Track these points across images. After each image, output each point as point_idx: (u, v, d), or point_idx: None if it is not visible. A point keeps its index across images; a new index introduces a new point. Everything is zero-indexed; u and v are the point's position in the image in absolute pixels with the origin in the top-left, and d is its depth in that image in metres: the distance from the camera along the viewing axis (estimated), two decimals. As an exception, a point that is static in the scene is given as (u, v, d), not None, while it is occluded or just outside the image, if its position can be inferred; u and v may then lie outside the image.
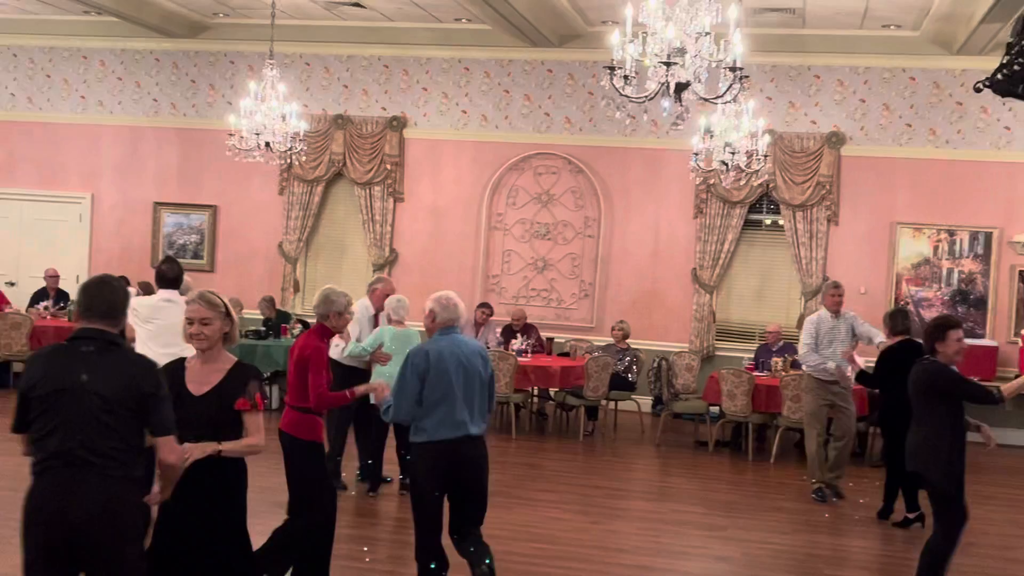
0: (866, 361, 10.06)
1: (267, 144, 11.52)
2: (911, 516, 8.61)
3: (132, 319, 7.19)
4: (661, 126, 13.20)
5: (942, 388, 6.30)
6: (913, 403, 6.47)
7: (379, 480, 8.82)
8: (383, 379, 7.00)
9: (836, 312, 9.56)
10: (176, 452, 4.01)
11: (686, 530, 8.16)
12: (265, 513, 6.43)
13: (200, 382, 4.51)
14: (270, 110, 11.49)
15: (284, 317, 13.41)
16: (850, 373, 9.77)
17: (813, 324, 9.62)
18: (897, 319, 9.06)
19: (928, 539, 6.35)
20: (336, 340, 8.69)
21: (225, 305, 4.60)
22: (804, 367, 9.80)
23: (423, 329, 6.23)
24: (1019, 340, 12.63)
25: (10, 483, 6.92)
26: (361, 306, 8.87)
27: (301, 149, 11.86)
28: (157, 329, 7.04)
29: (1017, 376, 12.37)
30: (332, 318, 6.14)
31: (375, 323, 8.96)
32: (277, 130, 11.55)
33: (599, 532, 7.90)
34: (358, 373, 8.57)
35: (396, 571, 6.65)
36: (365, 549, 7.03)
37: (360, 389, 6.37)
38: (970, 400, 6.31)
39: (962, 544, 7.93)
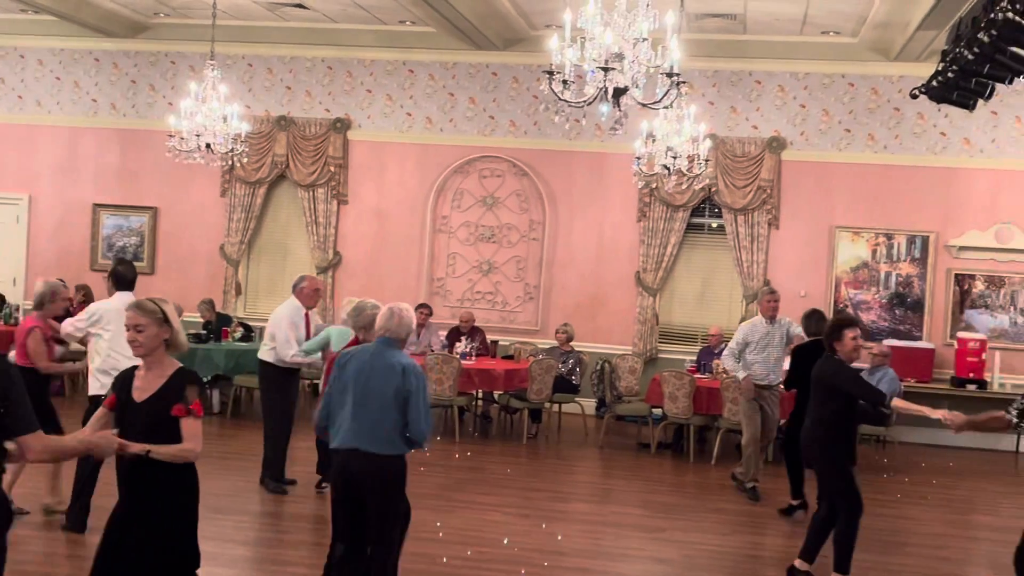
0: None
1: (208, 145, 11.41)
2: (795, 504, 9.02)
3: (92, 325, 7.13)
4: (605, 130, 13.25)
5: (837, 384, 6.61)
6: (811, 398, 6.89)
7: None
8: None
9: (772, 318, 9.68)
10: (41, 444, 3.94)
11: (626, 532, 8.20)
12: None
13: (143, 388, 4.49)
14: (211, 111, 11.38)
15: (225, 320, 13.27)
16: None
17: (744, 331, 9.76)
18: (810, 320, 9.28)
19: (833, 530, 6.74)
20: (290, 339, 8.77)
21: (162, 311, 4.54)
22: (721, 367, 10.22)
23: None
24: (955, 343, 12.86)
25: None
26: (291, 306, 8.92)
27: (243, 151, 11.75)
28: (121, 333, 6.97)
29: (956, 382, 12.62)
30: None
31: (307, 322, 8.95)
32: (218, 131, 11.44)
33: (540, 535, 7.91)
34: (295, 374, 8.78)
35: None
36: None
37: None
38: (862, 399, 6.65)
39: (896, 543, 8.10)
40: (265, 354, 8.91)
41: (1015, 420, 5.34)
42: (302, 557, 7.02)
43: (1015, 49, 7.63)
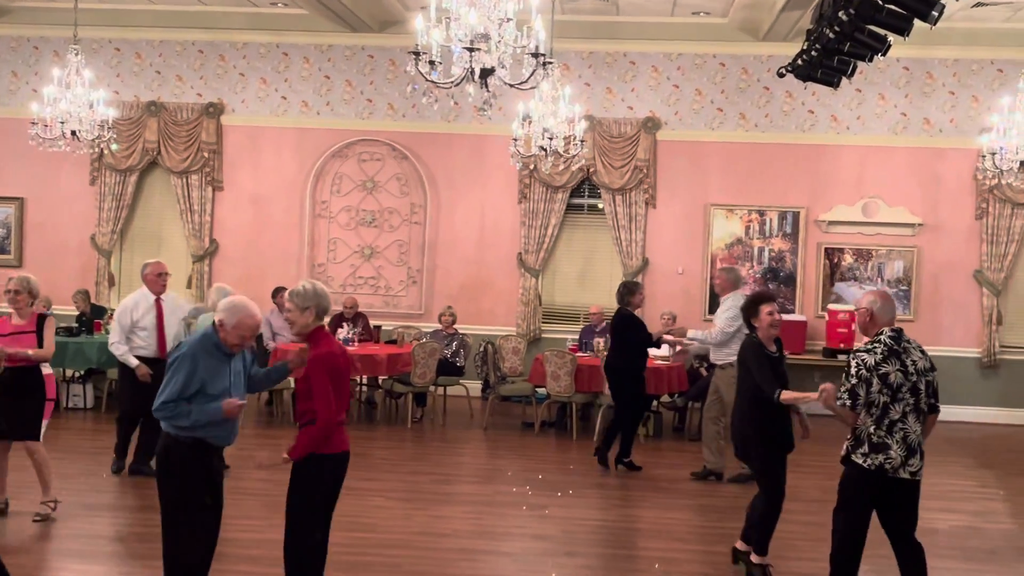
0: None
1: (73, 133, 11.02)
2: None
3: None
4: (475, 111, 13.24)
5: (747, 363, 6.59)
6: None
7: None
8: None
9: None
10: None
11: (509, 511, 8.26)
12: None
13: None
14: (76, 97, 10.99)
15: (99, 312, 12.88)
16: (670, 353, 11.36)
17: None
18: (620, 291, 9.97)
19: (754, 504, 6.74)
20: (117, 334, 8.77)
21: None
22: None
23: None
24: (826, 315, 13.28)
25: None
26: (135, 296, 8.96)
27: (111, 137, 11.40)
28: None
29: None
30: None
31: (158, 308, 8.84)
32: (84, 118, 11.06)
33: (423, 518, 7.91)
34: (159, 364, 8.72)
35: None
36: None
37: None
38: (757, 380, 6.48)
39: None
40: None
41: (848, 404, 5.41)
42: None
43: (873, 27, 7.89)
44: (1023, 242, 13.38)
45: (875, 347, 5.44)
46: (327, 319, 6.09)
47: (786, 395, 6.33)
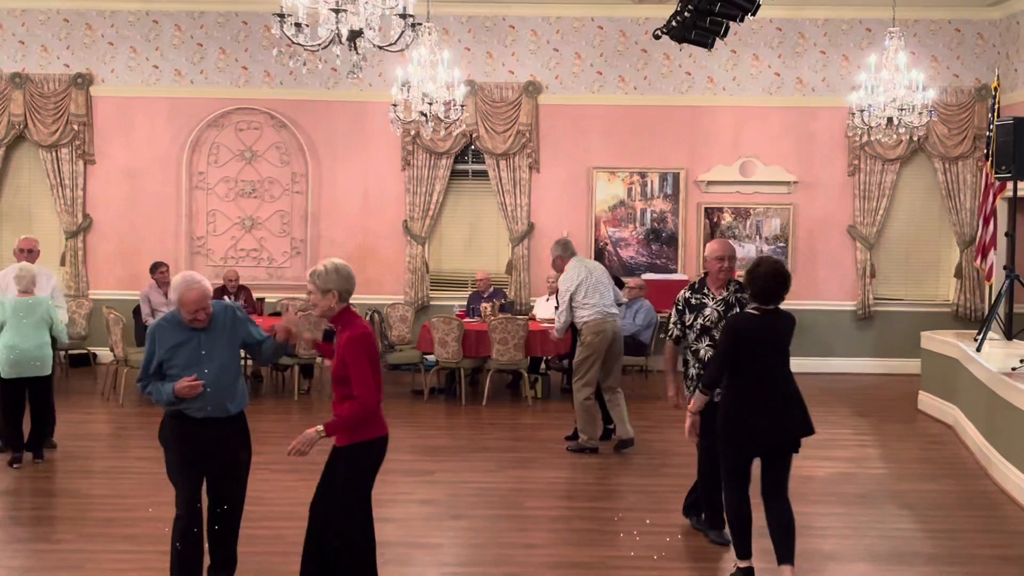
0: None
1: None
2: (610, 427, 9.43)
3: None
4: (363, 78, 13.06)
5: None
6: None
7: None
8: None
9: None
10: None
11: (394, 478, 8.20)
12: None
13: None
14: (-69, 69, 10.51)
15: (-34, 293, 12.36)
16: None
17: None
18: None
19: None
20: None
21: None
22: None
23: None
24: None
25: None
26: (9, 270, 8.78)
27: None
28: None
29: None
30: None
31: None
32: (-58, 91, 10.59)
33: (308, 489, 7.77)
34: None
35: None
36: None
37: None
38: None
39: (654, 465, 8.50)
40: None
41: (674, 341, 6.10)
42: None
43: (740, -12, 8.01)
44: (893, 197, 13.82)
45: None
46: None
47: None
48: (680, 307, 6.64)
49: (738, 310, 6.41)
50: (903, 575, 6.16)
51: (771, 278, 5.58)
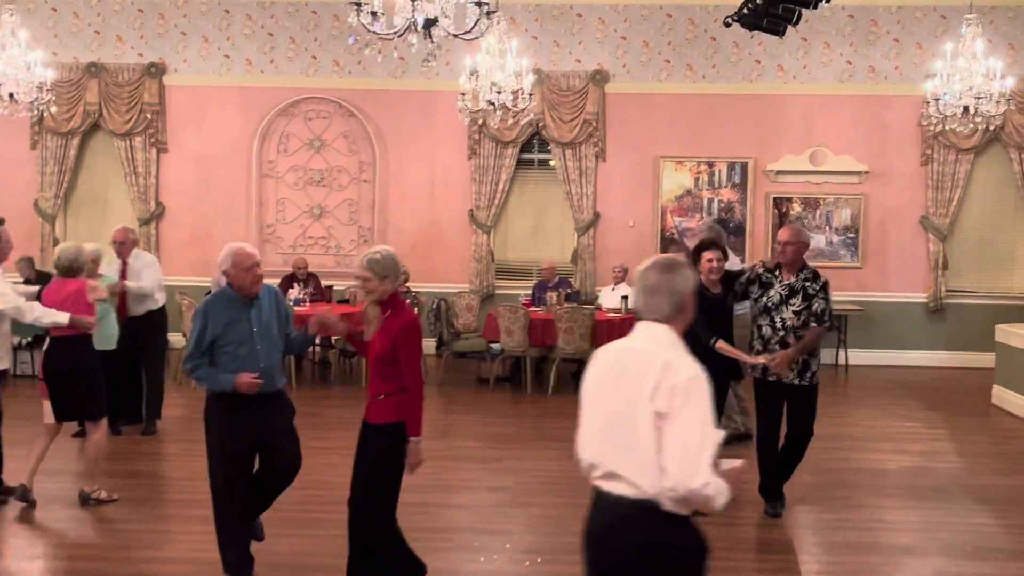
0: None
1: (11, 95, 10.79)
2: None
3: None
4: (433, 67, 13.10)
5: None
6: None
7: None
8: None
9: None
10: None
11: (463, 465, 8.29)
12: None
13: None
14: (12, 59, 10.75)
15: (44, 278, 12.64)
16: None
17: None
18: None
19: None
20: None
21: None
22: None
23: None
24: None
25: None
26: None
27: (50, 99, 11.15)
28: None
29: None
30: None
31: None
32: (21, 80, 10.82)
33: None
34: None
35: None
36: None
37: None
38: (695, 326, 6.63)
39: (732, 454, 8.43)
40: None
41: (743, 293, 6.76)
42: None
43: (815, -26, 7.91)
44: (967, 188, 13.55)
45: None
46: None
47: (721, 345, 6.79)
48: (752, 276, 6.89)
49: (800, 297, 6.66)
50: (982, 570, 6.06)
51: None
